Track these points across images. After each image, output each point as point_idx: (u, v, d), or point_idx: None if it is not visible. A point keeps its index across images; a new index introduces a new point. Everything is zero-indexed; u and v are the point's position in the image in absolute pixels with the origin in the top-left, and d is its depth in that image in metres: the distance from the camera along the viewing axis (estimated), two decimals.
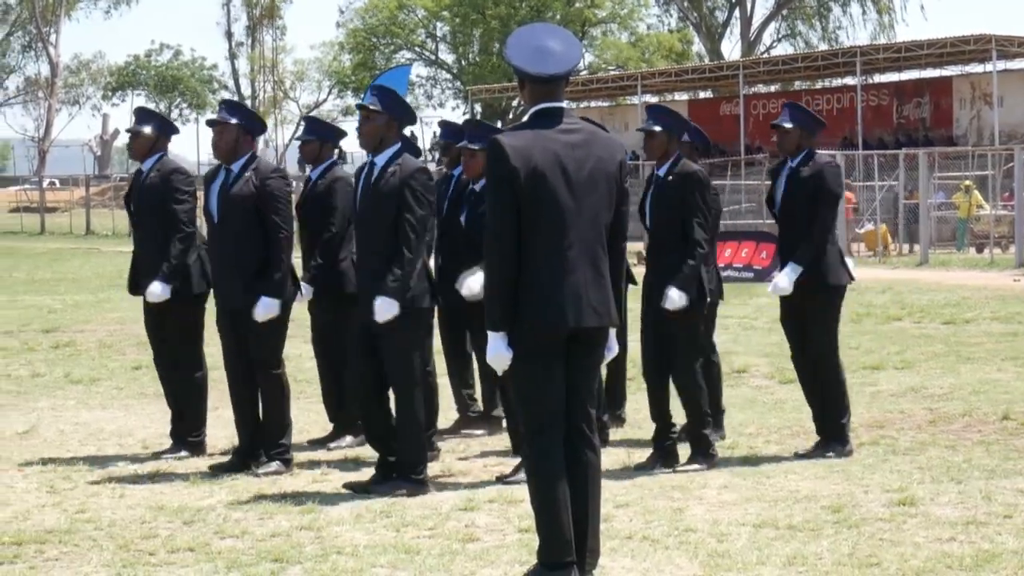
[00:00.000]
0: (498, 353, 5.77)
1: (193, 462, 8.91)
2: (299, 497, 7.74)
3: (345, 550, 6.58)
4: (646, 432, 9.06)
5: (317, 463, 8.84)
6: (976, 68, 48.01)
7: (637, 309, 8.74)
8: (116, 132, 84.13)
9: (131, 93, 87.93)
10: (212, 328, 8.95)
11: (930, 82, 49.52)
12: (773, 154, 37.10)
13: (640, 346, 8.75)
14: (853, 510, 7.23)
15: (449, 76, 76.78)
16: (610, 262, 5.91)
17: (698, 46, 75.63)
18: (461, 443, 9.64)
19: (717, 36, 73.52)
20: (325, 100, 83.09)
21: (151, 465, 8.85)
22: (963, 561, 6.22)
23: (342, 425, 9.53)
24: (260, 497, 7.77)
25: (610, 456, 8.46)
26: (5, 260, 34.80)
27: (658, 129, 8.64)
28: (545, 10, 68.79)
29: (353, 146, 44.30)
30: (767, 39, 73.99)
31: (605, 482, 6.34)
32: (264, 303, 8.44)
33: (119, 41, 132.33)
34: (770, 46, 73.73)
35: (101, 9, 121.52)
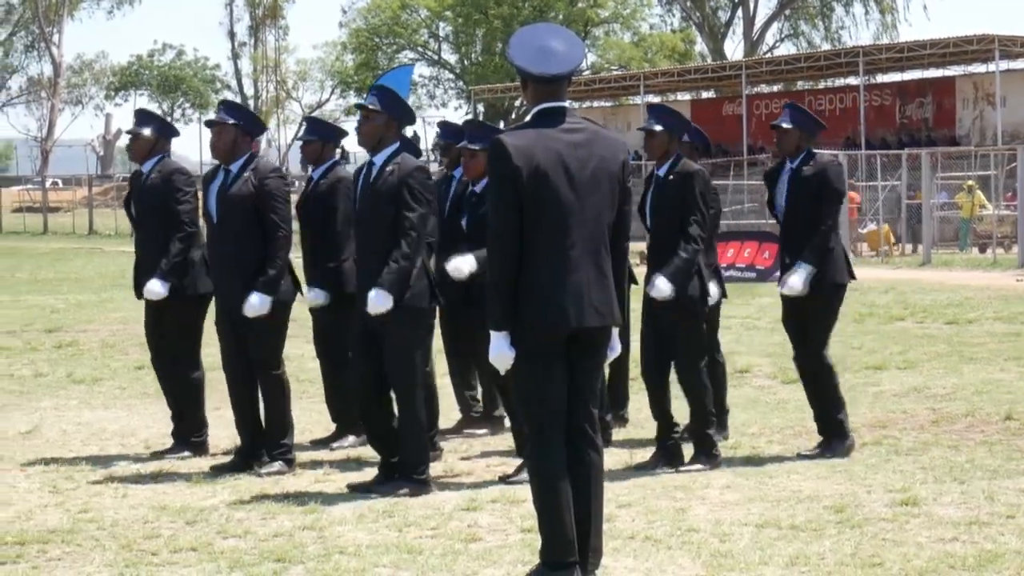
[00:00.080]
0: (501, 352, 5.76)
1: (195, 462, 8.92)
2: (302, 497, 7.74)
3: (348, 550, 6.58)
4: (649, 432, 9.05)
5: (319, 463, 8.84)
6: (979, 68, 47.91)
7: (639, 309, 8.74)
8: (119, 132, 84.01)
9: (134, 93, 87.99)
10: (212, 329, 8.95)
11: (933, 82, 49.44)
12: (775, 154, 37.03)
13: (640, 345, 8.76)
14: (856, 510, 7.23)
15: (452, 76, 76.72)
16: (613, 261, 5.90)
17: (701, 46, 75.59)
18: (464, 443, 9.65)
19: (720, 36, 73.45)
20: (328, 100, 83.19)
21: (153, 465, 8.85)
22: (966, 561, 6.22)
23: (345, 425, 9.53)
24: (262, 497, 7.77)
25: (613, 456, 8.46)
26: (8, 260, 34.82)
27: (659, 128, 8.63)
28: (548, 10, 68.71)
29: (355, 146, 44.25)
30: (770, 39, 74.07)
31: (608, 482, 6.34)
32: (255, 299, 8.41)
33: (122, 41, 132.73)
34: (773, 46, 73.79)
35: (104, 9, 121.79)
